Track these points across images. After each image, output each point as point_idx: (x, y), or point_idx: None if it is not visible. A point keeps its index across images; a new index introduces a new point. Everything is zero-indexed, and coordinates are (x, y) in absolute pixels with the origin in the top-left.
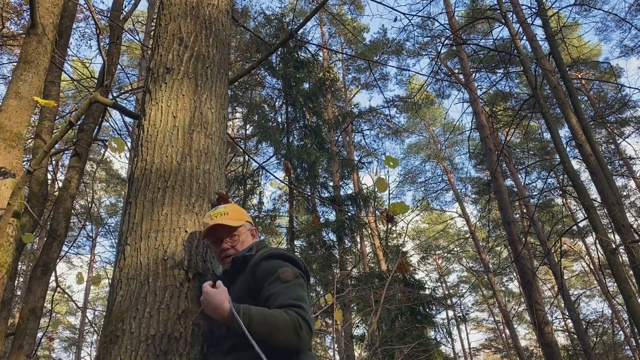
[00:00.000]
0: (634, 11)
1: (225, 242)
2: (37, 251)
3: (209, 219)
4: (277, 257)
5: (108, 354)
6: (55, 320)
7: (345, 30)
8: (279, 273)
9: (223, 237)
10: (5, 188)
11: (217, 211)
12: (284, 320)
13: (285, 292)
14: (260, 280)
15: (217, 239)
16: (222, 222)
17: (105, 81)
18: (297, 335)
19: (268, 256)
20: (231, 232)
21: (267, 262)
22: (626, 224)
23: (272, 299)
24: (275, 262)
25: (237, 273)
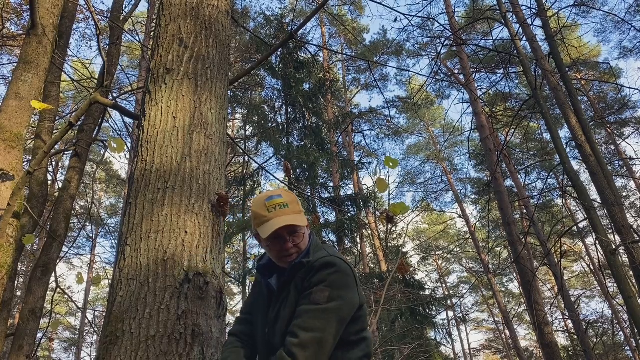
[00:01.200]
0: (633, 12)
1: (289, 242)
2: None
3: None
4: (326, 268)
5: (108, 355)
6: (55, 321)
7: (345, 31)
8: (313, 292)
9: (286, 235)
10: (5, 189)
11: (274, 201)
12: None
13: (303, 316)
14: (303, 294)
15: (279, 236)
16: (293, 223)
17: (105, 82)
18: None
19: (319, 269)
20: (297, 228)
21: (314, 276)
22: (626, 225)
23: (295, 318)
24: (321, 276)
25: (287, 282)
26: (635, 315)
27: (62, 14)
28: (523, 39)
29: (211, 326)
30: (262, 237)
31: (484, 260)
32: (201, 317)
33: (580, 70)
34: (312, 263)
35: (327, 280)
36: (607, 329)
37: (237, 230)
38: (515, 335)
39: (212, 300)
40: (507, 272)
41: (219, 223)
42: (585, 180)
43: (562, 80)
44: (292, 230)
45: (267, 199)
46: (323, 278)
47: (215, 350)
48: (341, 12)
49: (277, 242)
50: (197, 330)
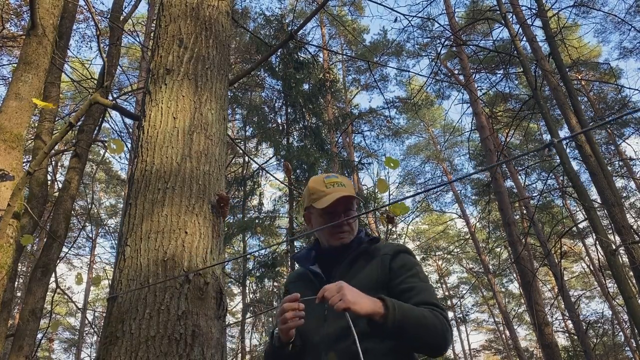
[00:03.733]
0: (632, 12)
1: (344, 217)
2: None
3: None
4: (412, 256)
5: (108, 355)
6: (55, 321)
7: (345, 32)
8: (418, 271)
9: (341, 212)
10: (5, 189)
11: (333, 180)
12: (433, 321)
13: (427, 290)
14: (397, 271)
15: (335, 211)
16: (353, 195)
17: (105, 82)
18: (444, 338)
19: (405, 251)
20: (351, 206)
21: (406, 256)
22: (626, 225)
23: (413, 292)
24: (413, 259)
25: (354, 261)
26: (636, 315)
27: (62, 14)
28: (523, 39)
29: (211, 327)
30: (318, 208)
31: (484, 260)
32: (201, 318)
33: (581, 70)
34: (397, 247)
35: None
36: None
37: (237, 231)
38: (516, 336)
39: (212, 300)
40: (507, 273)
41: (219, 223)
42: (585, 180)
43: (562, 80)
44: (348, 208)
45: (326, 177)
46: (416, 261)
47: (215, 350)
48: (341, 13)
49: (332, 217)
50: (197, 330)
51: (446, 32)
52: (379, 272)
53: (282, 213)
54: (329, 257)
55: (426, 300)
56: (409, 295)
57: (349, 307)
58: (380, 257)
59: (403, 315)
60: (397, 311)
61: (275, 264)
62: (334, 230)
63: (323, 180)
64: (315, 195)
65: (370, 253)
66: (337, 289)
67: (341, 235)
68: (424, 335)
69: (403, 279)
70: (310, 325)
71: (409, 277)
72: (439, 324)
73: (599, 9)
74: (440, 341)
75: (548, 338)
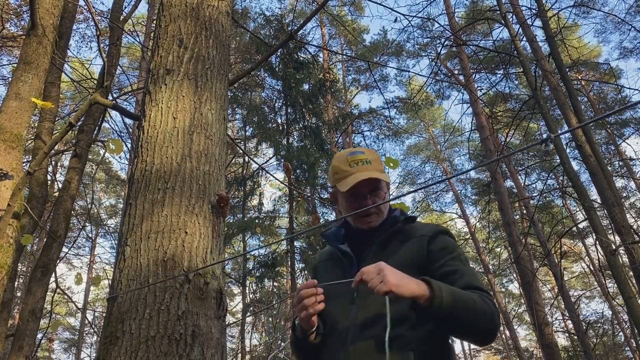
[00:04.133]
0: (633, 12)
1: (369, 199)
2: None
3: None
4: (452, 237)
5: (108, 355)
6: (55, 322)
7: (345, 32)
8: (459, 253)
9: (366, 193)
10: (5, 189)
11: (357, 157)
12: (482, 305)
13: (471, 273)
14: (437, 254)
15: (359, 193)
16: (377, 177)
17: (105, 82)
18: (494, 323)
19: (445, 232)
20: (378, 186)
21: (445, 237)
22: (626, 225)
23: (456, 275)
24: (453, 241)
25: (387, 241)
26: (636, 315)
27: (62, 14)
28: (523, 40)
29: (211, 327)
30: (341, 190)
31: (484, 260)
32: (201, 318)
33: (581, 70)
34: (436, 229)
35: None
36: (607, 329)
37: (237, 231)
38: (516, 336)
39: (212, 300)
40: (507, 273)
41: (219, 224)
42: (585, 180)
43: (562, 80)
44: (374, 188)
45: (349, 154)
46: (456, 244)
47: (215, 350)
48: (341, 13)
49: (356, 199)
50: (197, 330)
51: (446, 32)
52: (414, 254)
53: (282, 213)
54: (358, 237)
55: (472, 283)
56: (453, 278)
57: (392, 289)
58: (417, 238)
59: (451, 299)
60: (443, 294)
61: (275, 264)
62: (360, 213)
63: (346, 158)
64: (338, 175)
65: (406, 233)
66: (376, 271)
67: (368, 219)
68: (473, 320)
69: (445, 261)
70: (336, 309)
71: (450, 259)
72: (488, 309)
73: (599, 9)
74: (490, 326)
75: (548, 338)
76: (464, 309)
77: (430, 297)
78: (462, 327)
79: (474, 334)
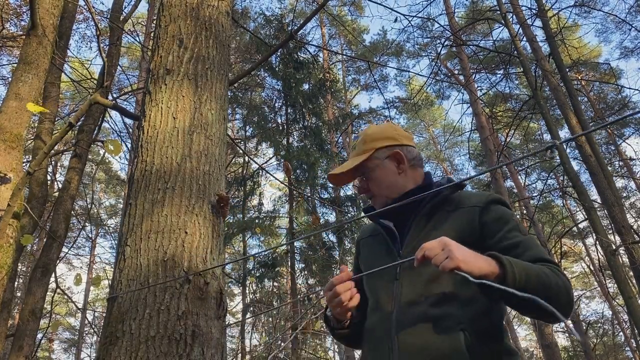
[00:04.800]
0: (633, 12)
1: (356, 188)
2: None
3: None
4: (507, 206)
5: (108, 355)
6: (55, 322)
7: (345, 32)
8: (518, 223)
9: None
10: (5, 189)
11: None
12: (556, 279)
13: (535, 244)
14: (493, 226)
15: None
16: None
17: (105, 82)
18: (570, 298)
19: (498, 201)
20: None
21: (499, 207)
22: (626, 225)
23: (520, 248)
24: (509, 210)
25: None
26: (636, 315)
27: (62, 14)
28: (523, 40)
29: (211, 327)
30: None
31: None
32: (201, 318)
33: (581, 70)
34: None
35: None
36: (607, 329)
37: (237, 231)
38: (516, 336)
39: (212, 301)
40: None
41: (219, 224)
42: (586, 180)
43: (562, 80)
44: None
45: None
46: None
47: (215, 350)
48: (341, 13)
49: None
50: (197, 330)
51: (446, 32)
52: (464, 226)
53: (282, 213)
54: (399, 208)
55: (539, 256)
56: (516, 252)
57: (460, 265)
58: (466, 208)
59: (524, 275)
60: (516, 271)
61: (275, 264)
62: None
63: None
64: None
65: (453, 202)
66: (440, 246)
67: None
68: (550, 297)
69: (503, 234)
70: (378, 287)
71: (508, 231)
72: (562, 283)
73: (599, 9)
74: (566, 301)
75: (548, 338)
76: (538, 285)
77: (500, 274)
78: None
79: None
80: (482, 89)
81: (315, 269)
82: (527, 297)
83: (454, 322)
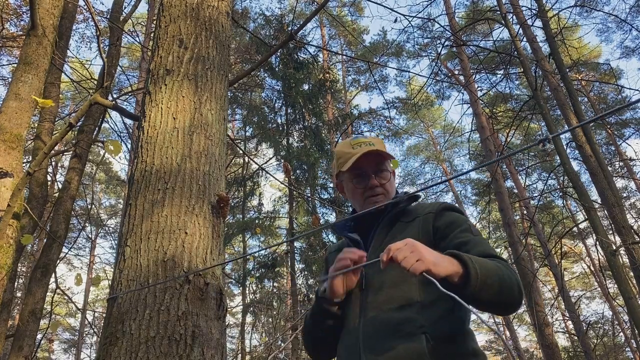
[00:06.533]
0: (634, 12)
1: (374, 179)
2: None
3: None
4: (459, 212)
5: (108, 356)
6: (55, 322)
7: (345, 32)
8: (470, 225)
9: (371, 172)
10: (5, 189)
11: (360, 140)
12: (507, 272)
13: (483, 242)
14: (445, 229)
15: (364, 173)
16: (379, 150)
17: (105, 83)
18: (521, 290)
19: (450, 208)
20: (383, 166)
21: (452, 213)
22: (626, 226)
23: (469, 245)
24: (461, 216)
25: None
26: (636, 316)
27: (62, 14)
28: (523, 40)
29: (211, 327)
30: (344, 171)
31: None
32: (201, 318)
33: (581, 71)
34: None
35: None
36: (607, 330)
37: (237, 231)
38: (516, 336)
39: (212, 301)
40: None
41: (219, 224)
42: (586, 181)
43: (562, 81)
44: (379, 168)
45: (353, 139)
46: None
47: (215, 351)
48: (341, 13)
49: (362, 179)
50: (197, 331)
51: (446, 33)
52: (421, 232)
53: (282, 213)
54: (365, 222)
55: (487, 252)
56: (466, 249)
57: (430, 268)
58: (422, 216)
59: (484, 270)
60: (477, 267)
61: (275, 265)
62: (364, 194)
63: (349, 143)
64: (342, 159)
65: (410, 213)
66: (409, 248)
67: (375, 198)
68: (505, 290)
69: (454, 235)
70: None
71: (460, 232)
72: (512, 275)
73: (599, 10)
74: (517, 294)
75: (548, 338)
76: (497, 278)
77: (463, 273)
78: (491, 298)
79: (502, 306)
80: (482, 89)
81: (315, 269)
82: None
83: (415, 326)
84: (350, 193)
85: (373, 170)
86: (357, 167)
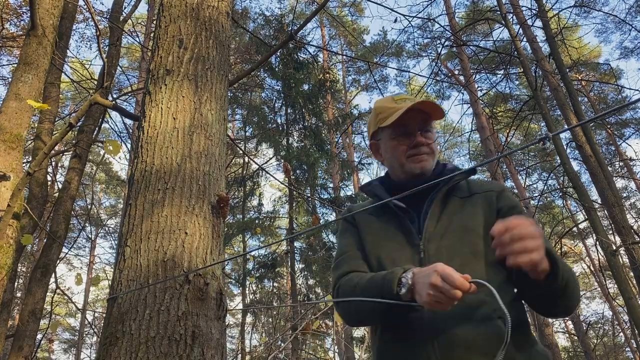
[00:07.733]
0: (633, 12)
1: (420, 136)
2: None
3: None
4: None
5: (108, 356)
6: (55, 322)
7: (345, 32)
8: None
9: (417, 129)
10: (5, 190)
11: (403, 96)
12: (576, 281)
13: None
14: (508, 212)
15: (409, 129)
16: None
17: (105, 83)
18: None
19: (508, 189)
20: (429, 125)
21: (512, 196)
22: (626, 226)
23: None
24: (519, 202)
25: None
26: (636, 316)
27: (62, 14)
28: (523, 40)
29: (211, 327)
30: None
31: None
32: (201, 319)
33: (581, 71)
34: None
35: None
36: (607, 330)
37: (237, 232)
38: None
39: (212, 301)
40: None
41: (219, 224)
42: (586, 181)
43: (562, 81)
44: (425, 126)
45: (395, 95)
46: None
47: (215, 351)
48: (341, 13)
49: (406, 137)
50: (197, 331)
51: (446, 33)
52: (485, 211)
53: (282, 213)
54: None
55: (549, 248)
56: None
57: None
58: (482, 194)
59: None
60: (563, 269)
61: (275, 265)
62: (404, 154)
63: (392, 98)
64: (383, 114)
65: (463, 189)
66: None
67: (419, 157)
68: (575, 292)
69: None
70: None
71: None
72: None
73: (599, 10)
74: (578, 302)
75: (548, 338)
76: (573, 281)
77: (551, 272)
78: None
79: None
80: (482, 89)
81: (315, 269)
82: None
83: (490, 309)
84: (389, 151)
85: (419, 127)
86: (401, 123)
